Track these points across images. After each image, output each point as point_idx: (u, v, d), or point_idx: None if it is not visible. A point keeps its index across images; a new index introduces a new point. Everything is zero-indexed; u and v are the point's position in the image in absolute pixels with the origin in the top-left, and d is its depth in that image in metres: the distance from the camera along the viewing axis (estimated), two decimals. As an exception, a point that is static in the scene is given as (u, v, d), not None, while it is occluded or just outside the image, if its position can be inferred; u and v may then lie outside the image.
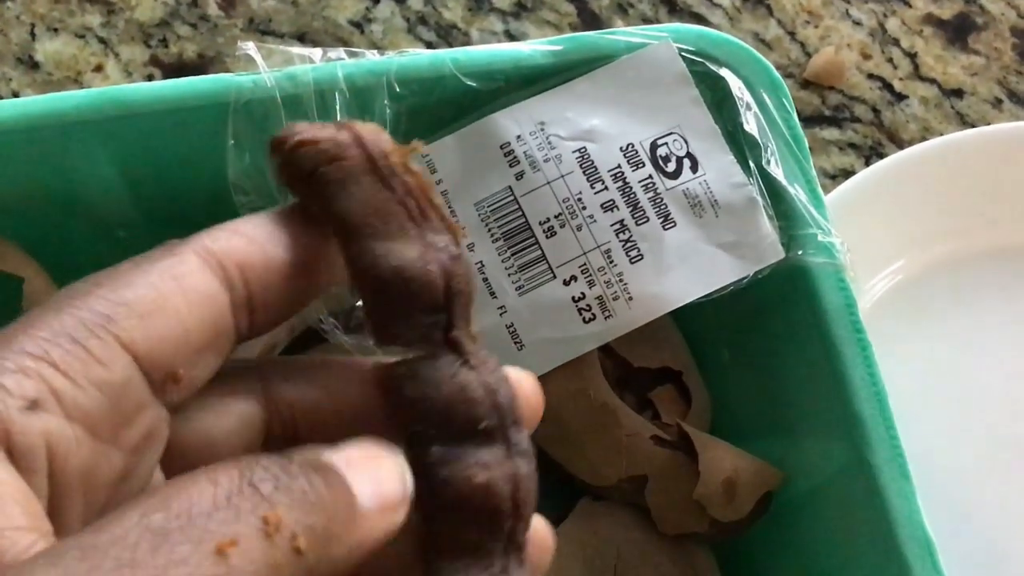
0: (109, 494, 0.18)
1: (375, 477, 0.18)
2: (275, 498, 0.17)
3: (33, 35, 0.45)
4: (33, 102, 0.31)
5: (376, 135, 0.21)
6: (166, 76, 0.45)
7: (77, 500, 0.18)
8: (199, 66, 0.46)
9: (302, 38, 0.47)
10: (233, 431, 0.21)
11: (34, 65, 0.45)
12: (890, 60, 0.51)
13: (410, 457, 0.20)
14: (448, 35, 0.48)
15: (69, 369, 0.17)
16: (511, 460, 0.20)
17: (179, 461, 0.20)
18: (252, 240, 0.20)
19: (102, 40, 0.46)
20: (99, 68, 0.45)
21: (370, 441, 0.19)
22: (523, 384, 0.21)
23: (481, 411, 0.20)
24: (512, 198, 0.33)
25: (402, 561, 0.20)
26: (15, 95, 0.44)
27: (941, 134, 0.48)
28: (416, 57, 0.33)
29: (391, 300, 0.20)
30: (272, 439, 0.21)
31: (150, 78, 0.45)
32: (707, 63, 0.34)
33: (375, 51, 0.33)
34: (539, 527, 0.21)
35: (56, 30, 0.46)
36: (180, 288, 0.19)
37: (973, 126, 0.50)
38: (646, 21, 0.50)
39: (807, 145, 0.34)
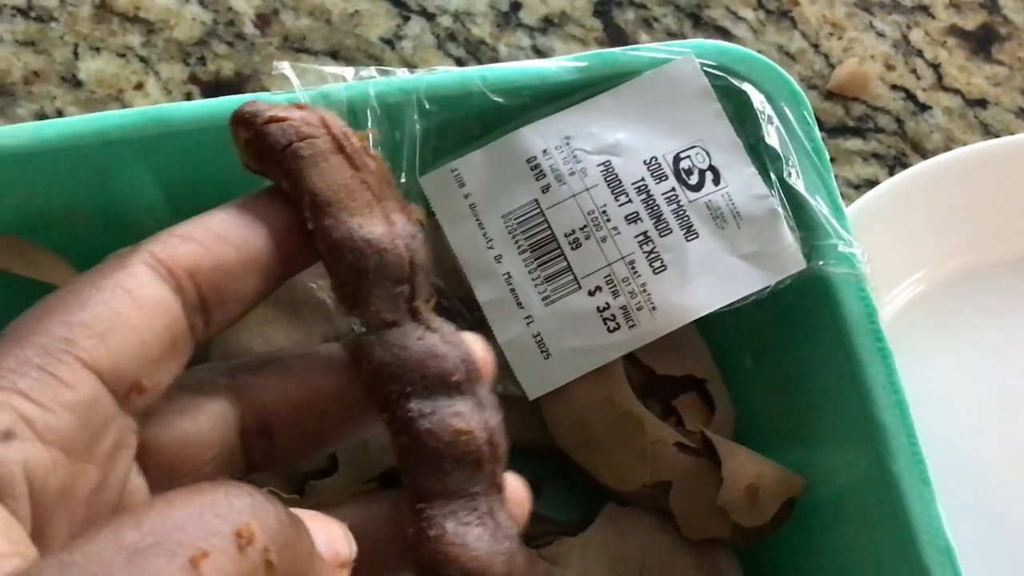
0: (88, 507, 0.19)
1: (328, 534, 0.19)
2: (249, 514, 0.17)
3: (76, 54, 0.47)
4: (77, 121, 0.32)
5: (336, 118, 0.22)
6: (204, 94, 0.47)
7: (59, 519, 0.18)
8: (236, 83, 0.47)
9: (335, 55, 0.48)
10: (208, 430, 0.22)
11: (77, 83, 0.46)
12: (914, 71, 0.52)
13: (388, 418, 0.21)
14: (477, 51, 0.50)
15: (39, 396, 0.18)
16: (482, 411, 0.22)
17: (160, 464, 0.21)
18: (201, 244, 0.21)
19: (142, 59, 0.47)
20: (139, 86, 0.46)
21: (319, 513, 0.20)
22: (476, 347, 0.22)
23: (450, 366, 0.21)
24: (539, 210, 0.34)
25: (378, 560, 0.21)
26: (59, 113, 0.46)
27: (965, 144, 0.49)
28: (445, 75, 0.34)
29: (365, 270, 0.21)
30: (247, 435, 0.22)
31: (189, 95, 0.47)
32: (729, 77, 0.35)
33: (406, 69, 0.34)
34: (515, 484, 0.23)
35: (98, 49, 0.47)
36: (133, 301, 0.19)
37: (997, 136, 0.50)
38: (671, 35, 0.51)
39: (828, 157, 0.35)
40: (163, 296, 0.20)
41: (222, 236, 0.21)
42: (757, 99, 0.35)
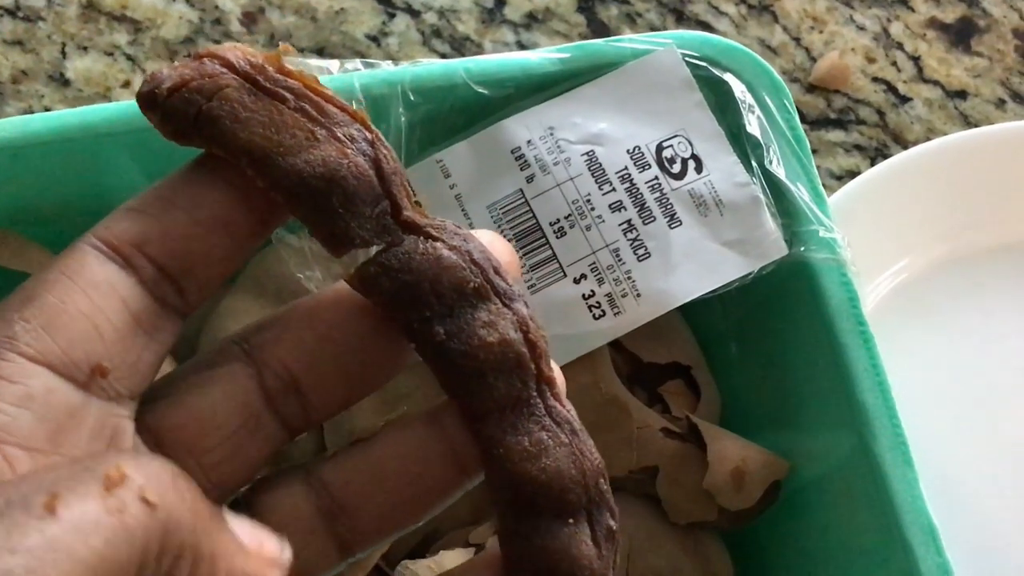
0: None
1: (255, 533, 0.18)
2: (123, 460, 0.16)
3: (64, 53, 0.47)
4: (65, 116, 0.32)
5: (239, 52, 0.20)
6: (190, 91, 0.47)
7: None
8: (222, 81, 0.47)
9: (321, 52, 0.49)
10: (223, 401, 0.20)
11: (65, 82, 0.47)
12: (894, 63, 0.52)
13: (416, 347, 0.20)
14: (462, 47, 0.50)
15: None
16: (508, 307, 0.20)
17: (180, 448, 0.20)
18: (147, 213, 0.20)
19: (130, 57, 0.47)
20: (127, 84, 0.47)
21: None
22: (485, 238, 0.21)
23: (462, 273, 0.20)
24: (523, 200, 0.34)
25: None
26: (47, 111, 0.46)
27: (945, 134, 0.49)
28: (429, 67, 0.34)
29: (332, 207, 0.19)
30: (274, 397, 0.21)
31: (175, 93, 0.47)
32: (711, 68, 0.35)
33: (391, 62, 0.34)
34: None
35: (86, 48, 0.47)
36: (78, 286, 0.19)
37: (976, 126, 0.51)
38: (654, 30, 0.51)
39: (808, 145, 0.35)
40: (109, 274, 0.19)
41: (170, 201, 0.20)
42: (738, 88, 0.35)
